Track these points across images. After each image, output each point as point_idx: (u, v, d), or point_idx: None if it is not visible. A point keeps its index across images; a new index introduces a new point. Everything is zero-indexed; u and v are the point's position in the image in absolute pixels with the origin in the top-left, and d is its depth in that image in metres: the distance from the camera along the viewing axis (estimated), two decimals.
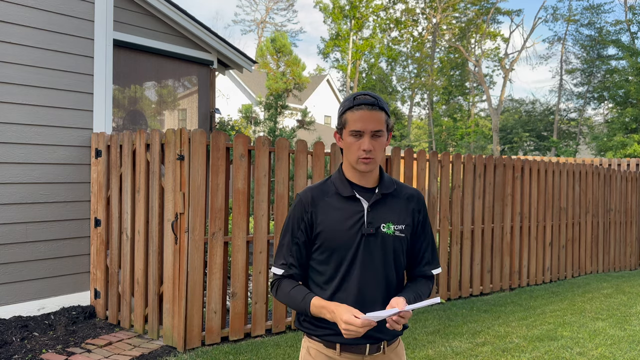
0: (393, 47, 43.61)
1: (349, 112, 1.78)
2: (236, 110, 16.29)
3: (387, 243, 1.82)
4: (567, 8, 42.38)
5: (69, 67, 4.97)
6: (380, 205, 1.83)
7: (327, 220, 1.81)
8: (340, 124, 1.82)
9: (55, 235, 4.89)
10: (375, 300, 1.81)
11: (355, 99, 1.79)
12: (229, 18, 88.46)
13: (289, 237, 1.87)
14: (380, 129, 1.76)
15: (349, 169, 1.85)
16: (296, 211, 1.86)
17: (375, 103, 1.77)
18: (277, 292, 1.88)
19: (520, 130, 34.86)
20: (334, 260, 1.81)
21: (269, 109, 9.74)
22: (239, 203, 4.40)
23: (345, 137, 1.80)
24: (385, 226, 1.82)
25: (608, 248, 8.59)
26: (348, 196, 1.82)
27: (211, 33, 7.93)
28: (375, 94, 1.83)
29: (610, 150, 26.26)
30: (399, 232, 1.83)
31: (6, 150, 4.61)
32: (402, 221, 1.85)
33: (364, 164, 1.77)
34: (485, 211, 6.46)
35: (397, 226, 1.83)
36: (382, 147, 1.80)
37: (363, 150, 1.76)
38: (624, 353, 4.37)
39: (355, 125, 1.76)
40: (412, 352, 4.29)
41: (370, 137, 1.76)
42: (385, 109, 1.80)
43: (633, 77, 29.13)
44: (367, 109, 1.75)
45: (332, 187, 1.86)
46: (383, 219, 1.82)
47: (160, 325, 4.38)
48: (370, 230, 1.79)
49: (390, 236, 1.82)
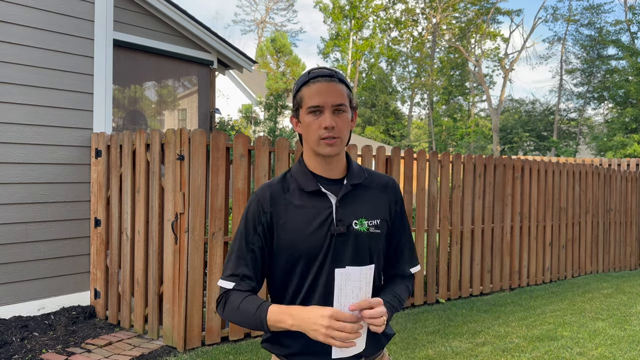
0: (393, 47, 43.61)
1: (304, 88, 1.53)
2: (236, 110, 16.29)
3: (361, 242, 1.54)
4: (567, 8, 42.42)
5: (69, 67, 4.97)
6: (350, 198, 1.56)
7: (289, 222, 1.52)
8: (296, 104, 1.55)
9: (55, 235, 4.89)
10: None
11: (311, 72, 1.56)
12: (229, 18, 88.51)
13: (242, 242, 1.55)
14: (342, 102, 1.51)
15: (311, 158, 1.57)
16: (251, 212, 1.56)
17: (334, 74, 1.54)
18: (224, 309, 1.52)
19: (520, 130, 34.86)
20: (299, 268, 1.52)
21: (269, 109, 9.74)
22: (239, 203, 4.40)
23: (303, 118, 1.53)
24: (358, 222, 1.54)
25: (608, 248, 8.59)
26: (312, 191, 1.54)
27: (211, 33, 7.94)
28: (333, 68, 1.60)
29: (610, 150, 26.27)
30: (374, 228, 1.56)
31: (6, 150, 4.61)
32: (377, 215, 1.58)
33: (327, 145, 1.50)
34: (485, 211, 6.46)
35: (371, 221, 1.56)
36: (347, 124, 1.53)
37: (324, 128, 1.49)
38: (624, 353, 4.37)
39: (313, 100, 1.50)
40: (412, 352, 4.29)
41: (331, 113, 1.50)
42: (346, 82, 1.56)
43: (633, 77, 29.15)
44: (324, 81, 1.51)
45: (292, 182, 1.57)
46: (354, 214, 1.54)
47: (160, 325, 4.38)
48: (341, 229, 1.51)
49: (364, 234, 1.54)
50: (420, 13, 42.44)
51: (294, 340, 1.51)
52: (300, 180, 1.56)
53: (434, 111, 41.31)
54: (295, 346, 1.52)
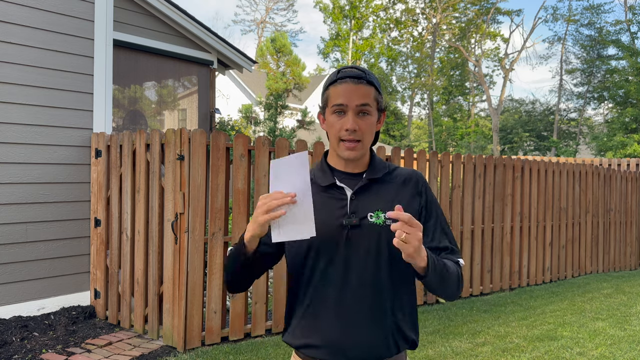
0: (393, 47, 43.60)
1: (331, 87, 1.51)
2: (236, 110, 16.29)
3: (377, 235, 1.48)
4: (567, 8, 42.43)
5: (69, 67, 4.97)
6: (367, 192, 1.53)
7: None
8: (323, 102, 1.54)
9: (55, 235, 4.89)
10: (359, 310, 1.48)
11: (340, 72, 1.53)
12: (229, 18, 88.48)
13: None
14: (367, 102, 1.48)
15: (333, 155, 1.57)
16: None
17: (363, 76, 1.50)
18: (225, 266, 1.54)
19: (520, 130, 34.84)
20: (310, 261, 1.51)
21: (269, 109, 9.75)
22: (239, 203, 4.40)
23: (328, 117, 1.52)
24: (374, 215, 1.49)
25: (608, 248, 8.59)
26: (328, 185, 1.53)
27: (211, 33, 7.94)
28: (365, 68, 1.55)
29: (610, 150, 26.26)
30: (392, 221, 1.44)
31: (6, 150, 4.61)
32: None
33: (347, 148, 1.48)
34: (485, 211, 6.46)
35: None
36: (371, 128, 1.50)
37: (345, 130, 1.47)
38: (624, 353, 4.37)
39: (338, 99, 1.48)
40: (412, 352, 4.29)
41: (354, 114, 1.47)
42: (375, 84, 1.52)
43: (633, 77, 29.14)
44: (352, 82, 1.48)
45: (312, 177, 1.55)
46: (370, 207, 1.50)
47: (160, 325, 4.38)
48: (354, 221, 1.48)
49: (380, 226, 1.49)
50: (420, 13, 42.44)
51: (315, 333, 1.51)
52: (318, 175, 1.56)
53: (434, 111, 41.31)
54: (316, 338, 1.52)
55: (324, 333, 1.50)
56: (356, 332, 1.49)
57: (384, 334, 1.50)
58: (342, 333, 1.49)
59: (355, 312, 1.48)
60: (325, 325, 1.50)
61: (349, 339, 1.48)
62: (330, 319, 1.49)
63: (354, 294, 1.48)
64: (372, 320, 1.49)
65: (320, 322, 1.51)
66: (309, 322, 1.53)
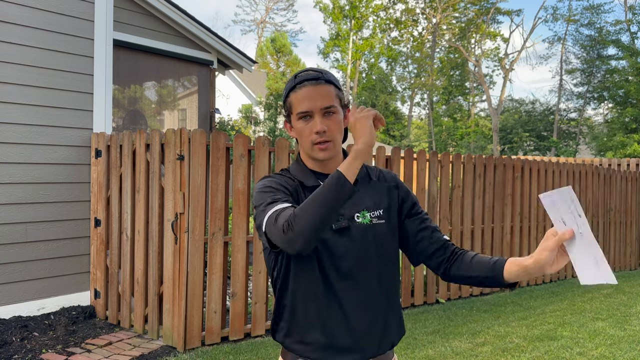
0: (393, 47, 43.58)
1: (292, 94, 1.52)
2: (236, 110, 16.30)
3: (366, 235, 1.52)
4: (567, 8, 42.42)
5: (69, 67, 4.97)
6: None
7: None
8: (287, 110, 1.56)
9: (55, 235, 4.89)
10: (359, 310, 1.51)
11: (297, 76, 1.54)
12: (229, 18, 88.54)
13: (280, 194, 1.47)
14: (331, 104, 1.50)
15: (308, 159, 1.58)
16: (277, 178, 1.54)
17: (320, 76, 1.52)
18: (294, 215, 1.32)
19: (520, 130, 34.83)
20: (309, 262, 1.50)
21: (269, 109, 9.75)
22: (239, 203, 4.40)
23: (294, 124, 1.54)
24: (360, 215, 1.53)
25: (608, 248, 8.59)
26: (312, 186, 1.53)
27: (211, 33, 7.94)
28: (320, 68, 1.58)
29: (610, 150, 26.27)
30: (377, 219, 1.55)
31: (6, 150, 4.61)
32: (379, 205, 1.57)
33: (320, 150, 1.50)
34: (485, 211, 6.46)
35: (373, 212, 1.55)
36: (339, 126, 1.52)
37: (316, 133, 1.49)
38: (624, 353, 4.37)
39: (301, 106, 1.49)
40: (412, 352, 4.28)
41: (321, 117, 1.49)
42: (334, 82, 1.54)
43: (633, 77, 29.14)
44: (311, 85, 1.50)
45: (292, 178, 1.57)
46: (355, 207, 1.53)
47: (160, 325, 4.38)
48: (343, 224, 1.50)
49: (367, 226, 1.53)
50: (420, 13, 42.44)
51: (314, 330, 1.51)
52: (300, 177, 1.56)
53: (434, 111, 41.30)
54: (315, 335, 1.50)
55: (324, 335, 1.51)
56: (356, 331, 1.51)
57: (378, 335, 1.55)
58: (342, 333, 1.51)
59: (354, 312, 1.51)
60: (326, 327, 1.51)
61: (349, 339, 1.51)
62: (331, 321, 1.50)
63: (352, 295, 1.51)
64: (388, 311, 1.56)
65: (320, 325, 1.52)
66: (306, 325, 1.53)
